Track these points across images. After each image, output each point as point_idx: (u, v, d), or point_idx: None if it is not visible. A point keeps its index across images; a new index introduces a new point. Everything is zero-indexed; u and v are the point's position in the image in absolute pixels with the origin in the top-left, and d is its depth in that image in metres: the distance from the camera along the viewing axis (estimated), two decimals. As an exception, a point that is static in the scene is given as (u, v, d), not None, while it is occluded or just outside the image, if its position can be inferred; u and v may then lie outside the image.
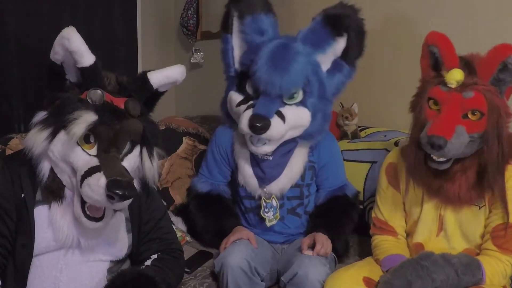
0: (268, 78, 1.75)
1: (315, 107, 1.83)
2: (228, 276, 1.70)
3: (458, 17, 2.21)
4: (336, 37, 1.81)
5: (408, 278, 1.45)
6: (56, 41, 1.37)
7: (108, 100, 1.40)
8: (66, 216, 1.42)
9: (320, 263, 1.72)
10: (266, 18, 1.87)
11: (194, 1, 3.15)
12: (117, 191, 1.28)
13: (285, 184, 1.91)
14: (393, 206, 1.75)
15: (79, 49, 1.36)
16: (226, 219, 1.97)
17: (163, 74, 1.54)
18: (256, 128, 1.72)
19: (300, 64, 1.77)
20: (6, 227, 1.40)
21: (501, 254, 1.55)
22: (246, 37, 1.88)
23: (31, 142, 1.36)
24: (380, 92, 2.48)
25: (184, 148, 2.41)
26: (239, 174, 1.95)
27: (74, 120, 1.31)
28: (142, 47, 3.31)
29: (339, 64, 1.85)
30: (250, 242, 1.84)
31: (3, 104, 2.71)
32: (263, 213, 1.93)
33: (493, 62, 1.47)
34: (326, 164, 1.98)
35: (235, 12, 1.91)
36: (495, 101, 1.48)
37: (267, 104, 1.77)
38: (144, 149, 1.48)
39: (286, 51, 1.77)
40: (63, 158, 1.38)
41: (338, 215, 1.97)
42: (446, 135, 1.46)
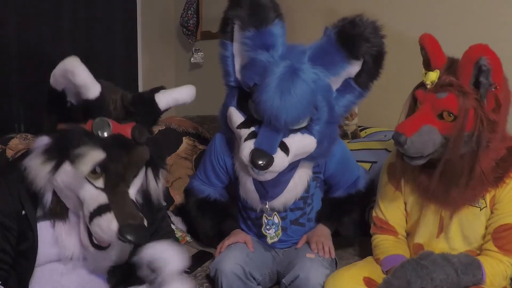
0: (274, 112, 1.59)
1: (321, 134, 1.70)
2: (222, 282, 1.70)
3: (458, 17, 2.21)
4: (351, 60, 1.65)
5: (407, 278, 1.45)
6: (58, 70, 1.29)
7: (115, 131, 1.33)
8: (72, 234, 1.40)
9: (321, 266, 1.72)
10: (274, 28, 1.66)
11: (194, 1, 3.15)
12: (129, 237, 1.25)
13: (289, 200, 1.84)
14: (394, 206, 1.74)
15: (85, 83, 1.28)
16: (224, 222, 1.95)
17: (172, 97, 1.47)
18: (257, 166, 1.61)
19: (308, 94, 1.61)
20: (8, 243, 1.38)
21: (502, 255, 1.55)
22: (249, 51, 1.69)
23: (34, 174, 1.29)
24: (380, 92, 2.47)
25: (184, 148, 2.41)
26: (240, 188, 1.87)
27: (81, 157, 1.25)
28: (142, 47, 3.31)
29: (351, 85, 1.71)
30: (246, 245, 1.82)
31: (3, 104, 2.71)
32: (265, 230, 1.88)
33: (467, 64, 1.46)
34: (335, 172, 1.92)
35: (236, 21, 1.72)
36: (470, 104, 1.46)
37: (270, 138, 1.63)
38: (150, 170, 1.45)
39: (293, 79, 1.60)
40: (69, 189, 1.33)
41: (345, 207, 1.96)
42: (406, 133, 1.48)
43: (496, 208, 1.57)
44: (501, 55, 1.47)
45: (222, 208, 1.98)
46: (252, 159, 1.62)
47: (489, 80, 1.44)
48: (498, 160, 1.55)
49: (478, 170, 1.51)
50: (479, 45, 1.45)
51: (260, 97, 1.61)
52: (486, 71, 1.43)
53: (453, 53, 1.56)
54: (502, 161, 1.55)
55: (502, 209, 1.56)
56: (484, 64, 1.42)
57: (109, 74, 3.10)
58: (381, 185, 1.79)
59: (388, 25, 2.40)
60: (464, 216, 1.61)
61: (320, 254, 1.77)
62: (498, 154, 1.55)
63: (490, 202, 1.58)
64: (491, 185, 1.55)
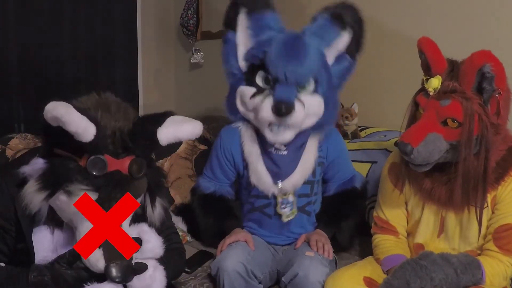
0: (286, 64, 1.77)
1: (326, 96, 1.86)
2: (224, 280, 1.70)
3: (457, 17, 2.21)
4: (341, 31, 1.87)
5: (406, 278, 1.45)
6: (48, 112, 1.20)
7: (110, 168, 1.28)
8: (69, 242, 1.39)
9: (321, 264, 1.72)
10: (274, 14, 1.91)
11: (194, 1, 3.15)
12: (114, 277, 1.26)
13: (299, 180, 1.90)
14: (394, 206, 1.75)
15: (76, 130, 1.21)
16: (227, 220, 1.97)
17: (175, 136, 1.38)
18: (281, 113, 1.73)
19: (313, 54, 1.81)
20: (6, 244, 1.38)
21: (502, 255, 1.55)
22: (255, 32, 1.89)
23: (29, 200, 1.27)
24: (380, 92, 2.48)
25: (184, 148, 2.41)
26: (251, 173, 1.91)
27: (72, 195, 1.26)
28: (142, 47, 3.31)
29: (343, 57, 1.90)
30: (247, 244, 1.83)
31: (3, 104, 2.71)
32: (280, 209, 1.91)
33: (470, 71, 1.46)
34: (335, 159, 1.99)
35: (243, 8, 1.91)
36: (474, 110, 1.46)
37: (287, 90, 1.78)
38: (148, 196, 1.42)
39: (298, 42, 1.81)
40: (62, 212, 1.34)
41: (343, 209, 1.99)
42: (412, 143, 1.49)
43: (497, 208, 1.57)
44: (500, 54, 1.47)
45: (226, 206, 2.00)
46: (276, 108, 1.75)
47: (493, 86, 1.44)
48: (498, 161, 1.55)
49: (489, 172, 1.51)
50: (482, 51, 1.45)
51: (272, 57, 1.79)
52: (490, 77, 1.43)
53: (452, 53, 1.55)
54: (502, 160, 1.55)
55: (503, 209, 1.56)
56: (488, 71, 1.43)
57: (109, 74, 3.11)
58: (382, 185, 1.79)
59: (388, 25, 2.42)
60: (465, 216, 1.61)
61: (320, 253, 1.78)
62: (499, 154, 1.55)
63: (492, 202, 1.58)
64: (491, 185, 1.55)
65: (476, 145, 1.49)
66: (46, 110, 1.21)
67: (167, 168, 2.33)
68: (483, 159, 1.49)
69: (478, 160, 1.50)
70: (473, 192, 1.52)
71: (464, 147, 1.48)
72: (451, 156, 1.53)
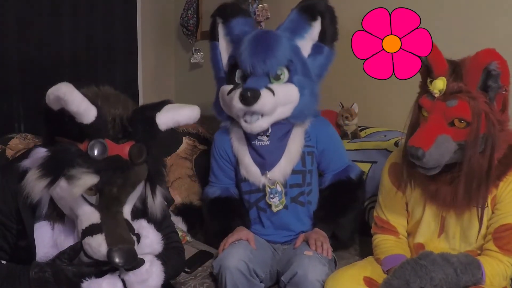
0: (254, 56, 1.86)
1: (301, 83, 1.92)
2: (226, 278, 1.71)
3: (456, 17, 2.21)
4: (311, 22, 1.96)
5: (406, 278, 1.45)
6: (50, 95, 1.24)
7: (111, 152, 1.30)
8: (70, 237, 1.39)
9: (319, 263, 1.73)
10: (247, 20, 2.06)
11: (194, 1, 3.16)
12: (117, 260, 1.25)
13: (286, 168, 1.94)
14: (395, 206, 1.75)
15: (78, 110, 1.24)
16: (232, 220, 1.98)
17: (174, 120, 1.41)
18: (246, 99, 1.81)
19: (282, 44, 1.89)
20: (7, 242, 1.39)
21: (502, 255, 1.55)
22: (231, 37, 2.04)
23: (30, 188, 1.29)
24: (380, 92, 2.48)
25: (184, 148, 2.41)
26: (240, 168, 1.98)
27: (74, 179, 1.25)
28: (142, 47, 3.31)
29: (318, 46, 1.98)
30: (248, 243, 1.84)
31: (3, 104, 2.72)
32: (269, 199, 1.95)
33: (476, 69, 1.46)
34: (326, 148, 2.01)
35: (219, 19, 2.08)
36: (481, 109, 1.46)
37: (255, 80, 1.86)
38: (148, 185, 1.43)
39: (268, 35, 1.92)
40: (63, 202, 1.34)
41: (340, 203, 1.99)
42: (424, 146, 1.47)
43: (497, 208, 1.57)
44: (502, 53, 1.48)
45: (232, 207, 2.02)
46: (242, 96, 1.83)
47: (499, 84, 1.45)
48: (500, 158, 1.55)
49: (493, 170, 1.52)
50: (488, 50, 1.46)
51: (241, 51, 1.90)
52: (496, 75, 1.44)
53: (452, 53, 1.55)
54: (504, 158, 1.55)
55: (503, 209, 1.56)
56: (494, 69, 1.43)
57: (109, 75, 3.11)
58: (383, 185, 1.79)
59: (388, 25, 2.42)
60: (465, 216, 1.61)
61: (318, 252, 1.79)
62: (500, 152, 1.55)
63: (492, 202, 1.58)
64: (493, 182, 1.55)
65: (481, 144, 1.49)
66: (49, 92, 1.24)
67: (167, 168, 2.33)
68: (488, 156, 1.49)
69: (483, 158, 1.50)
70: (476, 190, 1.52)
71: (470, 146, 1.48)
72: (458, 156, 1.52)
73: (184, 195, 2.31)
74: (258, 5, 2.86)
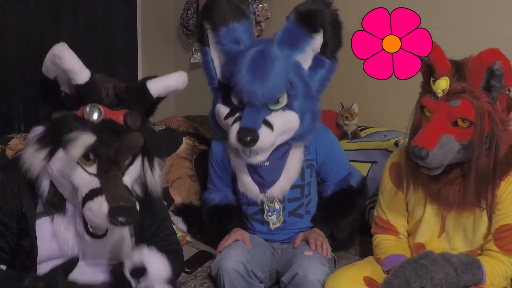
0: (250, 89, 1.72)
1: (302, 109, 1.81)
2: (224, 280, 1.71)
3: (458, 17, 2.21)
4: (312, 34, 1.79)
5: (406, 278, 1.45)
6: (47, 57, 1.31)
7: (106, 116, 1.35)
8: (70, 228, 1.40)
9: (320, 263, 1.73)
10: (240, 25, 1.85)
11: (194, 1, 3.15)
12: (120, 218, 1.25)
13: (285, 186, 1.90)
14: (395, 206, 1.74)
15: (73, 67, 1.29)
16: (230, 221, 1.97)
17: (164, 84, 1.47)
18: (245, 142, 1.71)
19: (279, 69, 1.74)
20: (6, 242, 1.39)
21: (502, 255, 1.55)
22: (223, 48, 1.86)
23: (29, 162, 1.31)
24: (380, 92, 2.48)
25: (184, 148, 2.41)
26: (238, 183, 1.94)
27: (72, 141, 1.27)
28: (142, 47, 3.31)
29: (320, 59, 1.83)
30: (244, 242, 1.84)
31: (3, 104, 2.72)
32: (267, 216, 1.93)
33: (479, 69, 1.46)
34: (326, 159, 1.97)
35: (207, 25, 1.88)
36: (484, 109, 1.46)
37: (253, 115, 1.75)
38: (146, 159, 1.44)
39: (264, 59, 1.75)
40: (63, 176, 1.34)
41: (340, 208, 1.97)
42: (427, 146, 1.47)
43: (498, 208, 1.57)
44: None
45: (231, 213, 2.01)
46: (239, 137, 1.72)
47: (502, 83, 1.45)
48: (501, 157, 1.54)
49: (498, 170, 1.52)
50: (491, 50, 1.46)
51: (235, 80, 1.75)
52: (500, 75, 1.44)
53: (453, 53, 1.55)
54: (504, 157, 1.55)
55: (504, 209, 1.56)
56: (498, 69, 1.43)
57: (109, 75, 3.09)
58: (383, 184, 1.79)
59: (388, 25, 2.42)
60: (466, 216, 1.61)
61: (318, 251, 1.78)
62: (501, 152, 1.55)
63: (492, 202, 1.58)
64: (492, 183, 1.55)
65: (486, 143, 1.49)
66: (46, 57, 1.30)
67: (167, 168, 2.33)
68: (493, 155, 1.49)
69: (488, 157, 1.50)
70: (484, 189, 1.52)
71: (476, 146, 1.48)
72: (461, 156, 1.52)
73: (184, 195, 2.31)
74: (258, 5, 2.86)
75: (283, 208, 1.93)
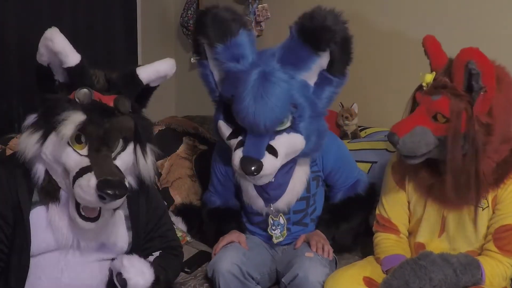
0: (252, 119, 1.64)
1: (308, 130, 1.73)
2: (220, 282, 1.71)
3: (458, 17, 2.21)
4: (319, 52, 1.65)
5: (405, 278, 1.46)
6: (40, 42, 1.37)
7: (97, 98, 1.39)
8: (64, 217, 1.41)
9: (320, 265, 1.72)
10: (239, 39, 1.72)
11: (194, 1, 3.15)
12: (108, 191, 1.26)
13: (291, 200, 1.86)
14: (397, 205, 1.75)
15: (63, 49, 1.35)
16: (228, 223, 1.97)
17: (153, 69, 1.52)
18: (248, 173, 1.66)
19: (283, 95, 1.65)
20: (2, 232, 1.40)
21: (502, 256, 1.55)
22: (222, 65, 1.76)
23: (23, 146, 1.35)
24: (380, 92, 2.48)
25: (184, 148, 2.41)
26: (243, 195, 1.90)
27: (63, 121, 1.30)
28: (142, 47, 3.31)
29: (327, 77, 1.72)
30: (240, 244, 1.83)
31: (3, 104, 2.71)
32: (270, 230, 1.90)
33: (459, 68, 1.46)
34: (333, 169, 1.94)
35: (204, 40, 1.77)
36: (461, 107, 1.46)
37: (256, 144, 1.68)
38: (138, 146, 1.45)
39: (265, 84, 1.63)
40: (55, 159, 1.37)
41: (345, 214, 1.96)
42: (398, 133, 1.52)
43: (498, 209, 1.57)
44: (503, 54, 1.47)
45: (230, 215, 1.99)
46: (242, 167, 1.67)
47: (479, 84, 1.44)
48: (499, 162, 1.54)
49: (481, 172, 1.51)
50: (469, 48, 1.46)
51: (237, 107, 1.67)
52: (476, 74, 1.43)
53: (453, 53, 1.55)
54: (503, 162, 1.55)
55: (504, 209, 1.56)
56: (473, 68, 1.42)
57: (109, 74, 3.11)
58: (385, 183, 1.79)
59: (388, 26, 2.42)
60: (466, 216, 1.61)
61: (319, 253, 1.78)
62: (500, 155, 1.54)
63: (492, 202, 1.58)
64: (490, 186, 1.55)
65: (465, 144, 1.49)
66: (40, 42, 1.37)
67: (167, 168, 2.33)
68: (471, 158, 1.49)
69: (469, 158, 1.49)
70: (465, 191, 1.52)
71: (450, 143, 1.49)
72: (439, 152, 1.53)
73: (184, 195, 2.31)
74: (258, 5, 2.86)
75: (288, 220, 1.91)
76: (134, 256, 1.42)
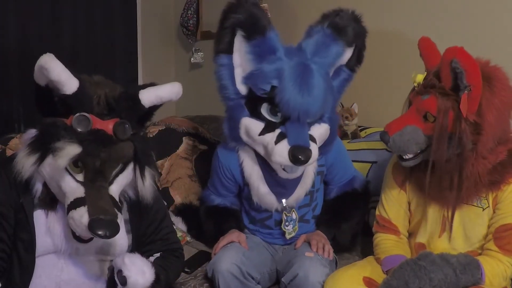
0: (300, 105, 1.68)
1: (331, 120, 1.83)
2: (219, 281, 1.71)
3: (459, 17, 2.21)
4: (346, 48, 1.84)
5: (405, 278, 1.46)
6: (36, 66, 1.32)
7: (95, 126, 1.34)
8: (62, 223, 1.41)
9: (320, 265, 1.72)
10: (273, 32, 1.76)
11: (194, 1, 3.15)
12: (99, 232, 1.27)
13: (301, 194, 1.88)
14: (397, 205, 1.75)
15: (59, 78, 1.29)
16: (227, 222, 1.96)
17: (155, 95, 1.45)
18: (300, 161, 1.66)
19: (323, 87, 1.73)
20: (5, 232, 1.40)
21: (502, 255, 1.55)
22: (256, 58, 1.75)
23: (20, 165, 1.33)
24: (380, 92, 2.48)
25: (184, 148, 2.41)
26: (252, 194, 1.88)
27: (58, 150, 1.28)
28: (142, 47, 3.31)
29: (342, 70, 1.88)
30: (240, 244, 1.83)
31: (3, 104, 2.71)
32: (284, 226, 1.90)
33: (445, 67, 1.47)
34: (334, 163, 1.97)
35: (240, 32, 1.75)
36: (448, 106, 1.47)
37: (301, 132, 1.71)
38: (137, 167, 1.44)
39: (310, 75, 1.71)
40: (53, 180, 1.36)
41: (343, 211, 1.97)
42: (389, 131, 1.57)
43: (498, 208, 1.57)
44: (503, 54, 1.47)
45: (229, 214, 1.99)
46: (294, 156, 1.66)
47: (464, 83, 1.44)
48: (496, 163, 1.54)
49: (469, 172, 1.51)
50: (453, 47, 1.46)
51: (284, 97, 1.69)
52: (460, 73, 1.43)
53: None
54: (500, 164, 1.54)
55: (504, 209, 1.56)
56: (457, 67, 1.43)
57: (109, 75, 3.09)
58: (386, 184, 1.79)
59: (388, 26, 2.43)
60: (466, 216, 1.61)
61: (319, 253, 1.78)
62: (497, 157, 1.54)
63: (493, 202, 1.58)
64: (485, 187, 1.55)
65: (452, 142, 1.49)
66: (35, 66, 1.31)
67: (167, 168, 2.33)
68: (458, 157, 1.49)
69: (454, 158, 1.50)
70: (447, 190, 1.53)
71: (436, 140, 1.50)
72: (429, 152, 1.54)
73: (184, 195, 2.31)
74: (258, 5, 2.85)
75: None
76: (136, 255, 1.41)
